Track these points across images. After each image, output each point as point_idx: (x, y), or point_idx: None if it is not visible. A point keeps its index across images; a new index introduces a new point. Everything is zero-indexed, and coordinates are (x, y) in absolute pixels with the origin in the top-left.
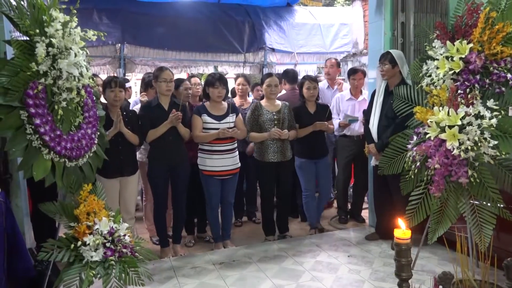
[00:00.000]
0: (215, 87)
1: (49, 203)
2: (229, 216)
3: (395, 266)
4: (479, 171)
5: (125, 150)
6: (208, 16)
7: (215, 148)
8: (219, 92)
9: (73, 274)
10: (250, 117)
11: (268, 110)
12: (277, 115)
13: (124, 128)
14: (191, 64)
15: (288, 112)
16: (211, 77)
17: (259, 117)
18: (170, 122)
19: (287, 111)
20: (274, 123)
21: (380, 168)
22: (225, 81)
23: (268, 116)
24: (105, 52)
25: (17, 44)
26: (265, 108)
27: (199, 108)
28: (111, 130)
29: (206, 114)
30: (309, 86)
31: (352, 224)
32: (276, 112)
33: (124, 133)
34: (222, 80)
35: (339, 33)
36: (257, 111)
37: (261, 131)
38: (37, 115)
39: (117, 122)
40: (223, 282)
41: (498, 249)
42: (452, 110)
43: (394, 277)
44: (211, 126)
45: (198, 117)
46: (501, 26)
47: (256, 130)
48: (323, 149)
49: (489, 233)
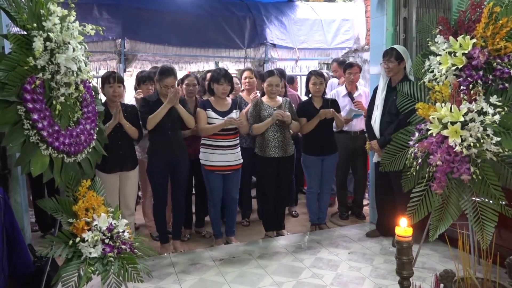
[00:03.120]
0: (220, 83)
1: (47, 199)
2: (233, 212)
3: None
4: (482, 168)
5: (125, 145)
6: (209, 11)
7: (218, 143)
8: (224, 89)
9: (71, 270)
10: (252, 112)
11: (269, 105)
12: (278, 109)
13: (123, 120)
14: (192, 60)
15: (289, 107)
16: (216, 73)
17: (260, 112)
18: (169, 101)
19: (288, 106)
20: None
21: (381, 165)
22: (230, 78)
23: (268, 111)
24: (105, 48)
25: (14, 38)
26: (266, 104)
27: (204, 103)
28: (110, 122)
29: (210, 109)
30: (315, 81)
31: (353, 221)
32: (277, 107)
33: (123, 125)
34: (227, 77)
35: (341, 28)
36: (258, 107)
37: None
38: (35, 110)
39: (116, 113)
40: (222, 278)
41: (500, 247)
42: (454, 106)
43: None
44: (215, 121)
45: (203, 110)
46: (505, 21)
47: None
48: (331, 146)
49: (491, 231)
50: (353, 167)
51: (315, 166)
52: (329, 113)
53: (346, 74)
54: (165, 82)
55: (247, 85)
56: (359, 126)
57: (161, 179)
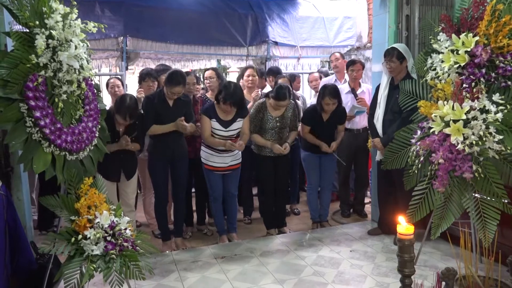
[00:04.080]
0: (225, 104)
1: (50, 197)
2: (233, 208)
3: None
4: (484, 166)
5: (127, 158)
6: (211, 9)
7: (218, 147)
8: (226, 109)
9: (73, 267)
10: (254, 117)
11: (272, 116)
12: (280, 121)
13: (129, 146)
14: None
15: (292, 113)
16: (225, 91)
17: (263, 120)
18: (175, 126)
19: (291, 113)
20: (276, 130)
21: (383, 163)
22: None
23: (270, 124)
24: (107, 46)
25: (16, 36)
26: (269, 113)
27: (209, 110)
28: (115, 146)
29: (215, 119)
30: (328, 102)
31: (355, 219)
32: (280, 118)
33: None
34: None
35: (343, 26)
36: (261, 113)
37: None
38: (37, 108)
39: (122, 143)
40: (224, 276)
41: (502, 245)
42: (457, 104)
43: (396, 272)
44: (218, 132)
45: (207, 118)
46: (508, 19)
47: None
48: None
49: (493, 229)
50: (355, 165)
51: (314, 162)
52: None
53: (349, 71)
54: (173, 90)
55: (250, 83)
56: (362, 124)
57: (162, 176)
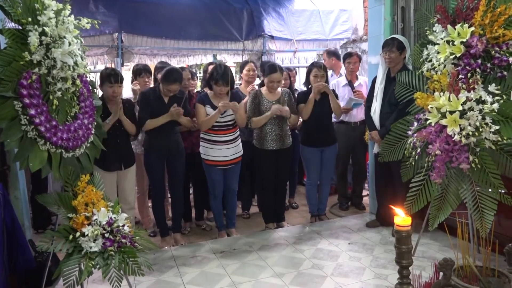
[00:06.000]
0: (217, 85)
1: (47, 195)
2: (233, 204)
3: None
4: (480, 156)
5: (123, 142)
6: (206, 3)
7: (217, 138)
8: (221, 90)
9: (72, 265)
10: (250, 104)
11: (268, 99)
12: (277, 103)
13: (123, 116)
14: (190, 53)
15: (288, 98)
16: (216, 72)
17: (260, 105)
18: (170, 115)
19: (287, 98)
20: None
21: (381, 155)
22: (227, 80)
23: (268, 106)
24: (102, 42)
25: (9, 33)
26: (265, 97)
27: (203, 98)
28: (110, 118)
29: (209, 105)
30: (316, 74)
31: (353, 212)
32: (276, 101)
33: (122, 121)
34: (224, 79)
35: (339, 19)
36: (257, 99)
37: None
38: (32, 106)
39: (117, 110)
40: (223, 270)
41: (499, 235)
42: (453, 95)
43: (394, 264)
44: None
45: (201, 105)
46: (503, 9)
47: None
48: (329, 137)
49: (490, 219)
50: (353, 158)
51: (314, 157)
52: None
53: (346, 63)
54: (169, 87)
55: (250, 78)
56: (359, 117)
57: (158, 172)
